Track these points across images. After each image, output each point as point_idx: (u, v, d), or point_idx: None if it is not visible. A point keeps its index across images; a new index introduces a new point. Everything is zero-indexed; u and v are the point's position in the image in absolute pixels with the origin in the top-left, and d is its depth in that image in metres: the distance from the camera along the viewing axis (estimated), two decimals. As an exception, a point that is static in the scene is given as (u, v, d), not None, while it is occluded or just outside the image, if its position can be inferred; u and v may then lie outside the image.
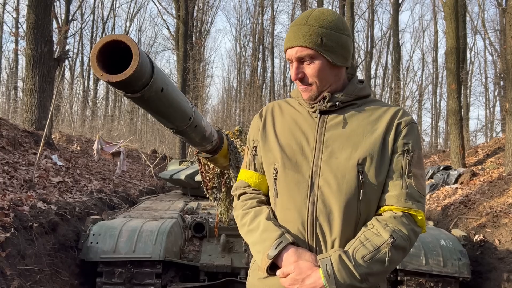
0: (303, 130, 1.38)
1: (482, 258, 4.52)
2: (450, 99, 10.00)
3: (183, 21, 19.17)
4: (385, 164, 1.31)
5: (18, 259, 3.16)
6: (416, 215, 1.29)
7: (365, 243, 1.24)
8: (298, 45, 1.30)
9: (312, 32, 1.29)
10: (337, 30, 1.32)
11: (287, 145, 1.38)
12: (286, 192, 1.35)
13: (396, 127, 1.33)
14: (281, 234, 1.30)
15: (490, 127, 24.95)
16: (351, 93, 1.38)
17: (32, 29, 8.02)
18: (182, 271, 3.85)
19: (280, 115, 1.47)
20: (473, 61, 27.70)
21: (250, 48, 31.67)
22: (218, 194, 3.90)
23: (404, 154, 1.32)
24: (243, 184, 1.51)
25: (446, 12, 10.04)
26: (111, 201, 5.87)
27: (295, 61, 1.33)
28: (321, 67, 1.32)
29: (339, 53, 1.33)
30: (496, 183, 6.80)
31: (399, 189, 1.30)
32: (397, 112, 1.37)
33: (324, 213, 1.29)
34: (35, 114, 7.99)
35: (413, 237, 1.29)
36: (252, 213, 1.42)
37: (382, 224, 1.27)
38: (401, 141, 1.32)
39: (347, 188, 1.28)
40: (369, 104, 1.40)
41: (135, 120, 25.77)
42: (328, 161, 1.31)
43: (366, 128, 1.34)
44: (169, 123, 1.96)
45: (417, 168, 1.33)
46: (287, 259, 1.27)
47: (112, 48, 1.30)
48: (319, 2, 20.24)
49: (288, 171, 1.35)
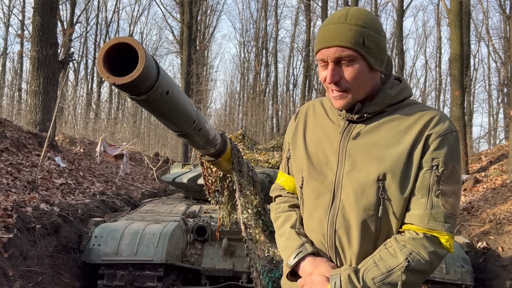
0: (330, 137, 1.33)
1: (485, 265, 4.50)
2: (453, 106, 9.98)
3: (187, 25, 19.24)
4: (409, 181, 1.21)
5: (21, 260, 3.16)
6: (440, 237, 1.19)
7: (378, 264, 1.19)
8: (337, 45, 1.18)
9: (354, 31, 1.18)
10: (376, 31, 1.22)
11: (314, 154, 1.35)
12: (310, 201, 1.34)
13: (425, 140, 1.21)
14: (301, 244, 1.33)
15: (494, 134, 24.88)
16: (381, 103, 1.27)
17: (37, 32, 8.07)
18: (184, 275, 3.84)
19: (312, 119, 1.42)
20: (477, 67, 27.70)
21: (253, 53, 31.78)
22: (220, 198, 3.90)
23: (432, 170, 1.20)
24: (279, 186, 1.55)
25: (451, 18, 10.05)
26: (114, 203, 5.87)
27: (332, 62, 1.20)
28: (361, 71, 1.20)
29: (378, 56, 1.23)
30: (499, 190, 6.77)
31: (422, 209, 1.20)
32: (430, 121, 1.22)
33: (343, 227, 1.25)
34: (39, 116, 8.03)
35: (435, 260, 1.20)
36: (282, 218, 1.46)
37: (400, 245, 1.19)
38: (429, 156, 1.20)
39: (365, 204, 1.22)
40: (401, 111, 1.28)
41: (138, 123, 25.84)
42: (349, 173, 1.25)
43: (392, 140, 1.23)
44: (173, 126, 1.96)
45: (449, 185, 1.20)
46: (303, 269, 1.30)
47: (118, 50, 1.30)
48: (323, 7, 20.31)
49: (312, 181, 1.33)
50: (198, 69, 22.25)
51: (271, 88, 30.79)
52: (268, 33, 30.32)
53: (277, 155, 5.79)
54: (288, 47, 31.56)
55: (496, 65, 26.90)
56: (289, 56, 31.68)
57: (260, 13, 30.82)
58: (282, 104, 30.54)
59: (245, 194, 3.32)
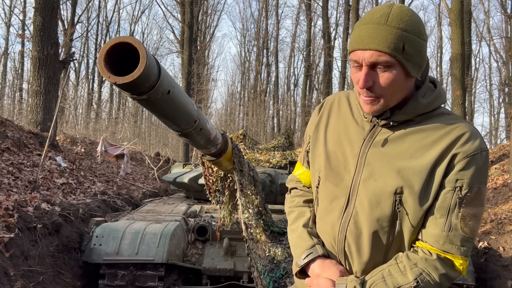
0: (351, 139, 1.26)
1: (486, 265, 4.49)
2: (454, 105, 9.97)
3: (188, 24, 19.25)
4: (428, 198, 1.15)
5: (22, 260, 3.17)
6: (454, 260, 1.15)
7: (386, 279, 1.15)
8: (375, 49, 1.08)
9: (394, 35, 1.08)
10: (419, 35, 1.12)
11: (333, 153, 1.30)
12: (325, 203, 1.33)
13: (451, 159, 1.13)
14: (313, 245, 1.32)
15: (495, 133, 24.85)
16: (411, 112, 1.18)
17: (38, 31, 8.07)
18: (185, 274, 3.85)
19: (336, 114, 1.35)
20: (477, 67, 27.66)
21: (254, 53, 31.79)
22: (221, 198, 3.90)
23: (454, 191, 1.13)
24: (296, 179, 1.54)
25: (452, 18, 10.04)
26: (115, 203, 5.87)
27: (366, 66, 1.12)
28: (397, 78, 1.11)
29: (417, 62, 1.13)
30: (500, 190, 6.76)
31: (439, 230, 1.14)
32: (460, 138, 1.14)
33: (354, 234, 1.22)
34: (40, 116, 8.03)
35: (446, 282, 1.16)
36: (296, 213, 1.45)
37: (411, 263, 1.15)
38: (454, 176, 1.13)
39: (379, 215, 1.17)
40: (431, 121, 1.19)
41: (139, 123, 25.85)
42: (366, 181, 1.20)
43: (416, 153, 1.16)
44: (174, 125, 1.97)
45: (472, 207, 1.14)
46: (312, 270, 1.30)
47: (119, 50, 1.30)
48: (324, 7, 20.30)
49: (328, 183, 1.29)
50: (199, 68, 22.25)
51: (272, 88, 30.82)
52: (269, 32, 30.34)
53: (278, 155, 5.80)
54: (289, 47, 31.57)
55: (497, 64, 26.91)
56: (289, 56, 31.70)
57: (261, 13, 30.84)
58: (283, 104, 30.55)
59: (246, 194, 3.33)
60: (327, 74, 20.31)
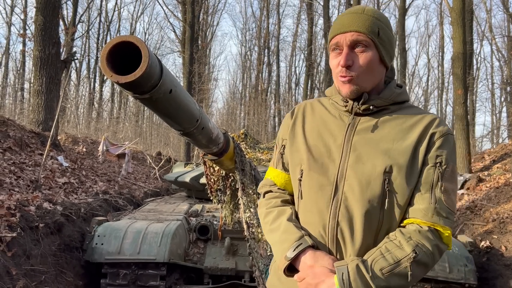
0: (332, 131, 1.34)
1: (488, 264, 4.48)
2: (456, 105, 9.95)
3: (189, 24, 19.25)
4: (414, 175, 1.24)
5: (24, 259, 3.17)
6: (442, 232, 1.23)
7: (385, 255, 1.19)
8: (354, 30, 1.24)
9: (371, 21, 1.25)
10: (389, 28, 1.30)
11: (314, 146, 1.34)
12: (310, 194, 1.32)
13: (430, 138, 1.26)
14: (301, 236, 1.28)
15: (496, 132, 24.81)
16: (387, 98, 1.32)
17: (40, 31, 8.09)
18: (187, 274, 3.85)
19: (311, 114, 1.43)
20: (479, 66, 27.61)
21: (255, 52, 31.78)
22: (222, 197, 3.90)
23: (436, 167, 1.24)
24: (270, 182, 1.50)
25: (453, 17, 10.02)
26: (116, 202, 5.88)
27: (347, 46, 1.25)
28: (373, 59, 1.26)
29: (388, 50, 1.30)
30: (502, 189, 6.75)
31: (427, 203, 1.23)
32: (433, 122, 1.29)
33: (346, 218, 1.25)
34: (42, 115, 8.05)
35: (437, 254, 1.23)
36: (275, 212, 1.40)
37: (405, 237, 1.21)
38: (434, 153, 1.25)
39: (370, 195, 1.23)
40: (404, 111, 1.34)
41: (141, 122, 25.88)
42: (354, 165, 1.26)
43: (397, 135, 1.27)
44: (176, 124, 1.96)
45: (449, 183, 1.26)
46: (304, 262, 1.25)
47: (121, 49, 1.30)
48: (325, 6, 20.29)
49: (313, 173, 1.31)
50: (200, 68, 22.24)
51: (273, 87, 30.80)
52: (270, 32, 30.33)
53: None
54: (290, 46, 31.55)
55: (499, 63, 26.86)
56: (291, 55, 31.67)
57: (262, 12, 30.82)
58: (284, 103, 30.51)
59: (247, 193, 3.32)
60: (328, 74, 20.28)
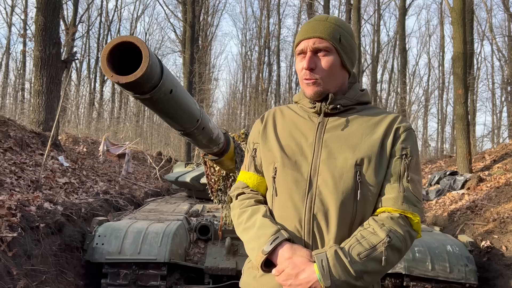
0: (303, 131, 1.41)
1: (489, 264, 4.48)
2: (457, 104, 9.94)
3: (190, 24, 19.25)
4: (383, 167, 1.33)
5: (25, 259, 3.17)
6: (412, 218, 1.30)
7: (361, 241, 1.24)
8: (317, 37, 1.34)
9: (333, 28, 1.35)
10: (351, 36, 1.41)
11: (287, 146, 1.40)
12: (285, 190, 1.36)
13: (395, 132, 1.36)
14: (277, 230, 1.30)
15: (497, 132, 24.77)
16: (352, 98, 1.42)
17: (40, 31, 8.09)
18: (187, 274, 3.85)
19: (281, 118, 1.50)
20: (480, 66, 27.57)
21: (256, 52, 31.77)
22: (223, 197, 3.90)
23: (402, 158, 1.34)
24: (242, 185, 1.52)
25: (453, 17, 10.01)
26: (117, 202, 5.88)
27: (310, 51, 1.35)
28: (334, 63, 1.36)
29: (350, 56, 1.40)
30: (503, 189, 6.75)
31: (396, 192, 1.31)
32: (396, 118, 1.40)
33: (321, 211, 1.30)
34: (43, 115, 8.05)
35: (409, 239, 1.30)
36: (250, 211, 1.42)
37: (378, 224, 1.27)
38: (400, 146, 1.35)
39: (344, 187, 1.29)
40: (368, 110, 1.44)
41: (141, 122, 25.88)
42: (326, 161, 1.33)
43: (365, 131, 1.36)
44: (177, 124, 1.97)
45: (415, 173, 1.35)
46: (282, 255, 1.27)
47: (122, 49, 1.30)
48: (325, 6, 20.26)
49: (287, 170, 1.36)
50: (200, 68, 22.24)
51: (273, 87, 30.79)
52: (271, 31, 30.31)
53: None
54: (291, 46, 31.51)
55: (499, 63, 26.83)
56: (291, 55, 31.65)
57: (262, 12, 30.82)
58: (285, 103, 30.52)
59: (248, 193, 3.32)
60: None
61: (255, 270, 1.38)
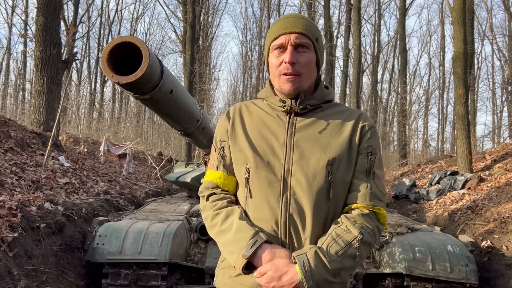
0: (273, 131, 1.41)
1: (489, 264, 4.48)
2: (457, 104, 9.93)
3: (190, 24, 19.25)
4: (351, 165, 1.39)
5: (25, 259, 3.18)
6: (379, 213, 1.38)
7: (337, 240, 1.30)
8: (299, 32, 1.35)
9: (312, 26, 1.39)
10: (321, 36, 1.45)
11: (259, 146, 1.40)
12: (260, 192, 1.36)
13: (361, 130, 1.41)
14: (255, 233, 1.31)
15: (498, 132, 24.76)
16: (320, 97, 1.45)
17: (41, 32, 8.09)
18: (188, 274, 3.85)
19: (248, 116, 1.48)
20: (480, 66, 27.55)
21: (256, 52, 31.77)
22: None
23: (368, 156, 1.40)
24: (211, 185, 1.49)
25: (454, 17, 10.00)
26: (117, 202, 5.88)
27: (291, 45, 1.36)
28: (312, 60, 1.39)
29: (322, 55, 1.46)
30: (504, 189, 6.74)
31: (364, 189, 1.37)
32: (360, 116, 1.45)
33: (297, 211, 1.32)
34: (43, 116, 8.05)
35: (377, 233, 1.38)
36: (224, 213, 1.41)
37: (351, 222, 1.33)
38: (365, 144, 1.41)
39: (317, 187, 1.33)
40: (333, 108, 1.48)
41: (142, 123, 25.88)
42: (299, 161, 1.35)
43: (333, 130, 1.40)
44: (177, 125, 1.97)
45: (379, 169, 1.42)
46: (263, 257, 1.28)
47: (122, 49, 1.30)
48: (326, 6, 20.26)
49: (260, 171, 1.36)
50: (201, 68, 22.24)
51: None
52: (271, 32, 30.25)
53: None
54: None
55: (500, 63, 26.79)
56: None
57: (262, 12, 30.81)
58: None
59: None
60: (329, 73, 20.28)
61: (230, 270, 1.40)
